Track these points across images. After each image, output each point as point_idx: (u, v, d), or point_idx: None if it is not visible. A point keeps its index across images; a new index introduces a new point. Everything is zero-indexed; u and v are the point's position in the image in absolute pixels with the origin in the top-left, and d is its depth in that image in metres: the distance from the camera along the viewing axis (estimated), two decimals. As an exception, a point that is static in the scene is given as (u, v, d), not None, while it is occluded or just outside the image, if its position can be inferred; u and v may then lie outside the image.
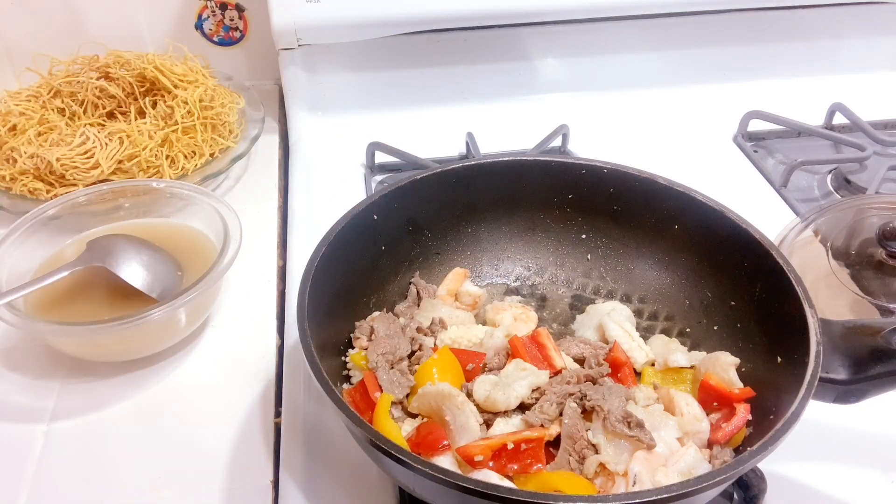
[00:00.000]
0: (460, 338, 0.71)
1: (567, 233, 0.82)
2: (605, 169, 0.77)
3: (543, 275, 0.82)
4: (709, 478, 0.50)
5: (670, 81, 1.22)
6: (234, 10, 1.21)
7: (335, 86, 1.15)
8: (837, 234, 0.84)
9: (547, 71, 1.19)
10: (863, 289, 0.79)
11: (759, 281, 0.68)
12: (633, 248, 0.79)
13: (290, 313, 0.80)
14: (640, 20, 1.16)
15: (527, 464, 0.58)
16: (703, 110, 1.19)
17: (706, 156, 1.10)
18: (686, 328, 0.75)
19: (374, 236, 0.74)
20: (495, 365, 0.68)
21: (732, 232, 0.70)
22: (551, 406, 0.62)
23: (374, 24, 1.07)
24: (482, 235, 0.82)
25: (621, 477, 0.58)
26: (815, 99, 1.17)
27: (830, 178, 1.06)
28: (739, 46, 1.22)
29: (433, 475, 0.49)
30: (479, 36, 1.14)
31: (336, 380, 0.68)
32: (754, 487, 0.63)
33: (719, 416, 0.65)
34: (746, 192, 1.02)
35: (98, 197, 0.87)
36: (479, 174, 0.78)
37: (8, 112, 0.99)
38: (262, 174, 1.08)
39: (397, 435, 0.60)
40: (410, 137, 1.07)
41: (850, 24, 1.22)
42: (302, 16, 1.05)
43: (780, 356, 0.63)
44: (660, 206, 0.76)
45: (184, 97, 1.00)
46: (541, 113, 1.15)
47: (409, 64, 1.14)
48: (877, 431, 0.71)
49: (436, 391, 0.62)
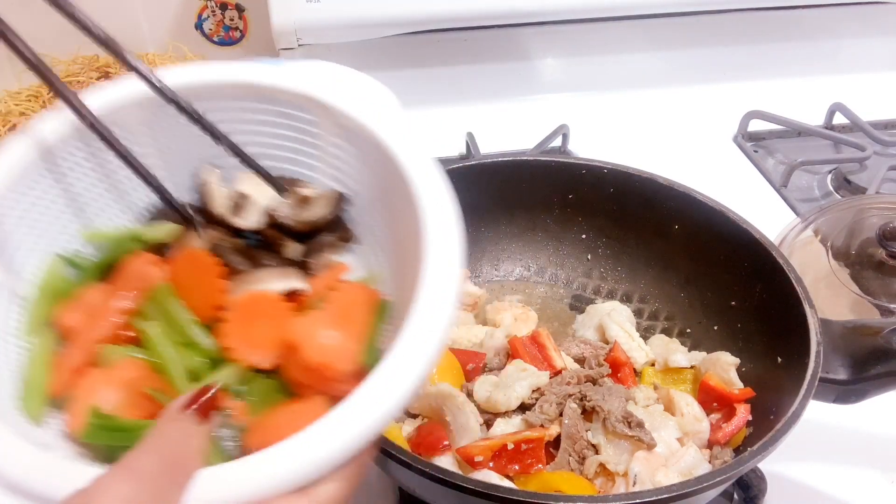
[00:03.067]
0: (460, 338, 0.71)
1: (567, 233, 0.82)
2: (605, 169, 0.77)
3: (543, 275, 0.82)
4: (709, 478, 0.50)
5: (670, 81, 1.22)
6: (234, 10, 1.21)
7: (335, 86, 1.15)
8: (837, 234, 0.84)
9: (547, 71, 1.19)
10: (863, 289, 0.79)
11: (759, 281, 0.68)
12: (633, 248, 0.79)
13: (290, 313, 0.80)
14: (640, 20, 1.16)
15: (527, 464, 0.58)
16: (703, 110, 1.19)
17: (706, 156, 1.10)
18: (686, 328, 0.75)
19: (374, 236, 0.74)
20: (495, 365, 0.68)
21: (732, 232, 0.70)
22: (551, 406, 0.62)
23: (374, 24, 1.07)
24: (482, 235, 0.82)
25: (621, 477, 0.58)
26: (815, 99, 1.17)
27: (830, 178, 1.06)
28: (739, 46, 1.22)
29: (433, 475, 0.49)
30: (479, 36, 1.14)
31: (336, 380, 0.68)
32: (754, 487, 0.63)
33: (719, 416, 0.65)
34: (746, 192, 1.02)
35: (98, 197, 0.86)
36: (479, 174, 0.78)
37: (8, 112, 0.99)
38: (263, 174, 1.08)
39: (397, 435, 0.60)
40: (410, 137, 1.07)
41: (850, 24, 1.22)
42: (302, 16, 1.04)
43: (780, 356, 0.63)
44: (660, 206, 0.76)
45: (184, 97, 1.00)
46: (541, 113, 1.15)
47: (409, 64, 1.14)
48: (877, 431, 0.71)
49: (436, 391, 0.62)
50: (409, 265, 0.43)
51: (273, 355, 0.43)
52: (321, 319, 0.44)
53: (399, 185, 0.45)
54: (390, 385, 0.37)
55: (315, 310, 0.44)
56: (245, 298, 0.44)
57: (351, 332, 0.44)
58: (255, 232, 0.50)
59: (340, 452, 0.35)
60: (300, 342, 0.42)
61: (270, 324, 0.43)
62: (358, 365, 0.42)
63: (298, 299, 0.46)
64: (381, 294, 0.47)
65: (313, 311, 0.44)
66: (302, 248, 0.50)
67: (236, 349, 0.42)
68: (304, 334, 0.42)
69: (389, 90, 0.59)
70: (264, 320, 0.44)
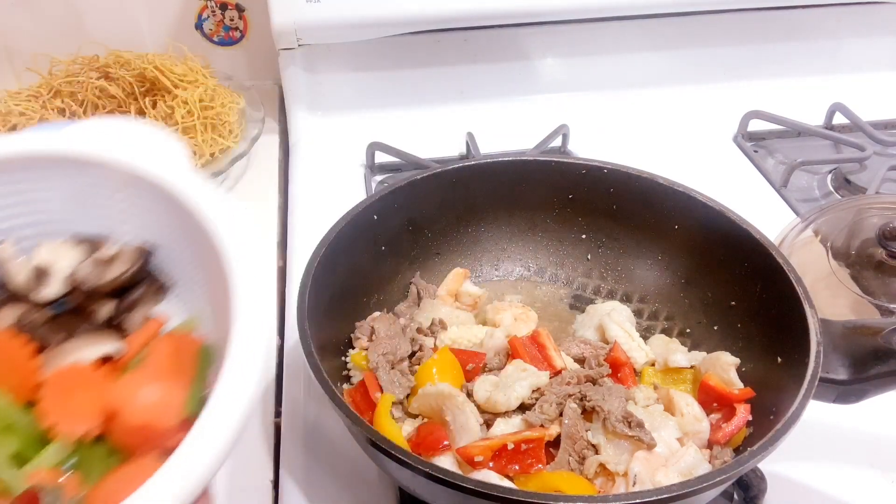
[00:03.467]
0: (460, 338, 0.71)
1: (567, 233, 0.82)
2: (605, 169, 0.77)
3: (543, 275, 0.82)
4: (709, 478, 0.50)
5: (670, 81, 1.22)
6: (234, 10, 1.21)
7: (335, 86, 1.15)
8: (837, 234, 0.84)
9: (547, 71, 1.19)
10: (863, 289, 0.79)
11: (759, 281, 0.68)
12: (633, 248, 0.80)
13: (290, 313, 0.80)
14: (640, 20, 1.16)
15: (527, 464, 0.58)
16: (703, 110, 1.19)
17: (706, 156, 1.10)
18: (686, 328, 0.75)
19: (374, 236, 0.74)
20: (495, 365, 0.68)
21: (732, 232, 0.70)
22: (551, 406, 0.62)
23: (374, 24, 1.07)
24: (482, 235, 0.82)
25: (621, 477, 0.58)
26: (815, 99, 1.17)
27: (830, 178, 1.06)
28: (739, 46, 1.22)
29: (433, 475, 0.49)
30: (479, 36, 1.14)
31: (336, 380, 0.68)
32: (754, 487, 0.63)
33: (719, 416, 0.65)
34: (746, 192, 1.02)
35: (98, 197, 0.87)
36: (479, 174, 0.78)
37: (8, 112, 0.99)
38: (262, 174, 1.08)
39: (397, 435, 0.60)
40: (410, 137, 1.07)
41: (850, 24, 1.22)
42: (302, 16, 1.04)
43: (780, 356, 0.63)
44: (660, 206, 0.76)
45: (184, 97, 1.00)
46: (541, 113, 1.15)
47: (409, 64, 1.14)
48: (877, 431, 0.71)
49: (436, 391, 0.62)
50: (223, 304, 0.44)
51: (97, 423, 0.43)
52: (140, 378, 0.44)
53: (195, 229, 0.47)
54: (211, 434, 0.37)
55: (134, 369, 0.45)
56: (61, 372, 0.44)
57: (174, 383, 0.44)
58: (64, 297, 0.50)
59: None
60: (119, 406, 0.42)
61: (90, 393, 0.44)
62: (184, 415, 0.42)
63: (116, 361, 0.46)
64: (202, 338, 0.47)
65: (132, 370, 0.45)
66: (114, 308, 0.50)
67: (59, 424, 0.42)
68: (122, 398, 0.43)
69: (389, 90, 0.60)
70: (83, 391, 0.44)
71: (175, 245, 0.51)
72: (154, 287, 0.52)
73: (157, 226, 0.51)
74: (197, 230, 0.47)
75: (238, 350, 0.40)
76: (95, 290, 0.50)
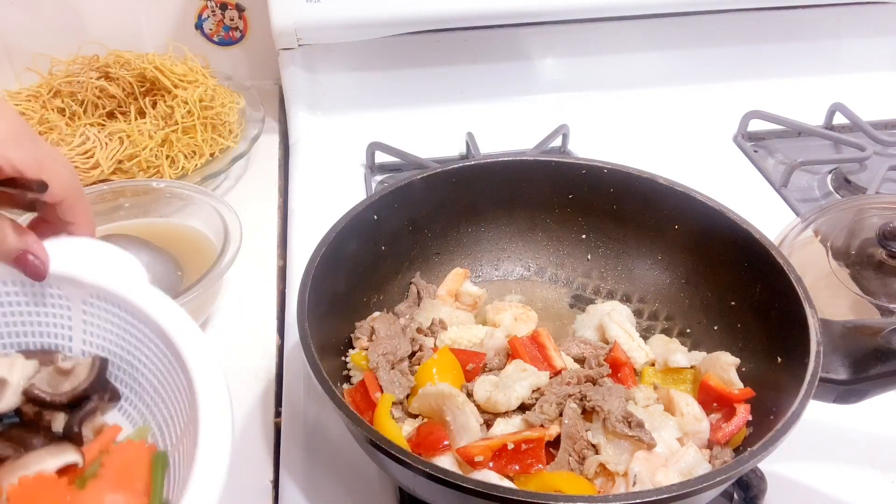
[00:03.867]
0: (460, 338, 0.71)
1: (567, 233, 0.82)
2: (605, 169, 0.77)
3: (543, 275, 0.82)
4: (709, 478, 0.50)
5: (670, 81, 1.22)
6: (234, 10, 1.21)
7: (335, 86, 1.15)
8: (837, 234, 0.84)
9: (547, 71, 1.19)
10: (863, 289, 0.79)
11: (759, 281, 0.68)
12: (633, 248, 0.80)
13: (290, 313, 0.80)
14: (640, 20, 1.16)
15: (527, 464, 0.58)
16: (703, 110, 1.19)
17: (706, 156, 1.10)
18: (686, 328, 0.75)
19: (374, 236, 0.74)
20: (495, 365, 0.68)
21: (732, 232, 0.70)
22: (551, 406, 0.62)
23: (374, 24, 1.07)
24: (482, 235, 0.82)
25: (621, 477, 0.58)
26: (815, 99, 1.17)
27: (830, 178, 1.06)
28: (739, 46, 1.22)
29: (433, 475, 0.49)
30: (479, 36, 1.14)
31: (336, 380, 0.68)
32: (754, 487, 0.63)
33: (719, 416, 0.65)
34: (746, 192, 1.02)
35: (98, 197, 0.87)
36: (479, 174, 0.78)
37: (8, 112, 0.99)
38: (262, 174, 1.08)
39: (398, 435, 0.60)
40: (410, 137, 1.07)
41: (850, 24, 1.22)
42: (302, 16, 1.05)
43: (780, 356, 0.63)
44: (660, 206, 0.76)
45: (184, 97, 1.00)
46: (541, 113, 1.15)
47: (409, 64, 1.15)
48: (877, 431, 0.71)
49: (436, 391, 0.62)
50: (181, 412, 0.46)
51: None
52: (101, 487, 0.45)
53: (155, 340, 0.50)
54: None
55: (93, 478, 0.45)
56: (19, 486, 0.45)
57: (135, 490, 0.45)
58: (17, 411, 0.51)
59: None
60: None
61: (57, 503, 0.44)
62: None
63: (74, 471, 0.47)
64: (156, 446, 0.49)
65: (90, 479, 0.45)
66: (67, 419, 0.51)
67: None
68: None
69: (389, 90, 0.62)
70: (50, 501, 0.44)
71: (133, 357, 0.54)
72: (110, 396, 0.54)
73: (116, 338, 0.54)
74: (157, 342, 0.50)
75: (205, 459, 0.43)
76: (50, 402, 0.51)
